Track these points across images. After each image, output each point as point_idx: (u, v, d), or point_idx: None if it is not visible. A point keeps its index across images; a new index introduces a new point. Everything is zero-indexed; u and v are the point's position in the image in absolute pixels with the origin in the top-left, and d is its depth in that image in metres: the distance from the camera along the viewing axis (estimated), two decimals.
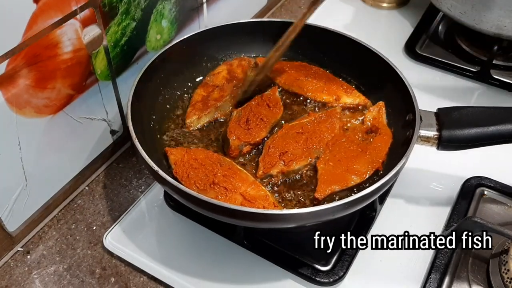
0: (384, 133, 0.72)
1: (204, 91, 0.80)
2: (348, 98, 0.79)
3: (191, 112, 0.77)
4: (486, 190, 0.78)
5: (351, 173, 0.67)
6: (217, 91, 0.80)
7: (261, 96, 0.78)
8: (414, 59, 1.05)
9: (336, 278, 0.66)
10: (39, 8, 0.59)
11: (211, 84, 0.81)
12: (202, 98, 0.79)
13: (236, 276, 0.69)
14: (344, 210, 0.59)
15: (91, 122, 0.76)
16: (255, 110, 0.75)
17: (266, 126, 0.74)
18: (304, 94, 0.80)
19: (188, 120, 0.76)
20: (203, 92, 0.80)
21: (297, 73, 0.83)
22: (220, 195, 0.63)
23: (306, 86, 0.80)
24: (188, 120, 0.76)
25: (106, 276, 0.70)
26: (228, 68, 0.84)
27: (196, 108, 0.77)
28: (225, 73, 0.83)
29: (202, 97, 0.79)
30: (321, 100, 0.79)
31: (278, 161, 0.69)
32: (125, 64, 0.78)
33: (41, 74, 0.63)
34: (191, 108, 0.78)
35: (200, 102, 0.78)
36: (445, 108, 0.70)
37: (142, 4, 0.76)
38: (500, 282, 0.64)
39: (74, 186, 0.79)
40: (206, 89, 0.81)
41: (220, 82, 0.81)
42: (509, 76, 1.00)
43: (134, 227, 0.74)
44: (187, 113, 0.77)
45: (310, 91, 0.80)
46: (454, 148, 0.69)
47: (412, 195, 0.79)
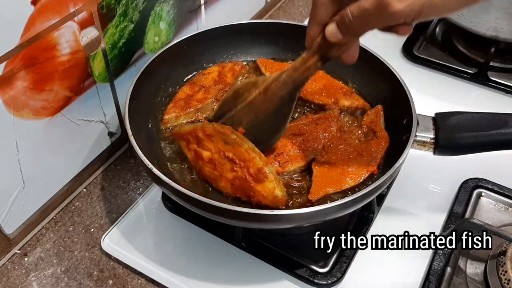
0: (381, 136, 0.72)
1: (189, 90, 0.80)
2: (347, 101, 0.79)
3: (171, 108, 0.77)
4: (484, 192, 0.78)
5: (346, 176, 0.67)
6: (202, 92, 0.79)
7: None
8: (411, 61, 1.05)
9: (334, 280, 0.66)
10: (37, 10, 0.59)
11: (198, 83, 0.81)
12: (186, 96, 0.79)
13: (234, 278, 0.69)
14: (336, 212, 0.59)
15: (89, 124, 0.76)
16: None
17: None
18: (303, 96, 0.80)
19: (167, 117, 0.76)
20: (188, 90, 0.80)
21: None
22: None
23: (305, 88, 0.80)
24: (167, 116, 0.76)
25: (104, 278, 0.70)
26: (219, 70, 0.83)
27: (177, 106, 0.77)
28: (215, 74, 0.83)
29: (186, 95, 0.79)
30: (320, 103, 0.79)
31: (274, 162, 0.69)
32: (123, 66, 0.79)
33: (38, 76, 0.63)
34: (173, 104, 0.78)
35: (182, 100, 0.78)
36: (443, 113, 0.70)
37: (140, 6, 0.76)
38: (498, 283, 0.64)
39: (72, 188, 0.79)
40: (192, 88, 0.80)
41: (208, 84, 0.81)
42: (506, 78, 1.01)
43: (132, 229, 0.74)
44: (167, 109, 0.77)
45: (309, 93, 0.80)
46: (450, 153, 0.69)
47: (410, 197, 0.79)
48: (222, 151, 0.65)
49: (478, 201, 0.78)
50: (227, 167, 0.64)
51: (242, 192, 0.64)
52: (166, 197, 0.76)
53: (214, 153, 0.66)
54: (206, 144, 0.66)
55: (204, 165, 0.65)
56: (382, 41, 0.82)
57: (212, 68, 0.85)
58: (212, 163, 0.65)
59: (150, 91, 0.77)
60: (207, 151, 0.66)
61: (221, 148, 0.65)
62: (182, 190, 0.58)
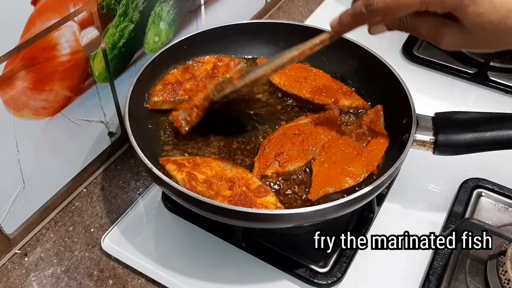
0: (381, 136, 0.72)
1: (180, 75, 0.80)
2: (347, 100, 0.79)
3: (159, 91, 0.77)
4: (484, 192, 0.78)
5: (346, 175, 0.67)
6: (192, 82, 0.79)
7: None
8: (411, 61, 1.05)
9: (334, 280, 0.66)
10: (37, 10, 0.59)
11: (190, 71, 0.81)
12: (175, 81, 0.78)
13: (234, 278, 0.69)
14: (336, 212, 0.59)
15: (89, 124, 0.76)
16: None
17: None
18: (303, 96, 0.80)
19: (154, 99, 0.76)
20: (179, 75, 0.80)
21: (296, 74, 0.83)
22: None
23: (305, 88, 0.81)
24: (155, 98, 0.76)
25: (104, 278, 0.70)
26: (215, 63, 0.83)
27: (165, 89, 0.77)
28: (210, 66, 0.82)
29: (175, 80, 0.79)
30: (320, 103, 0.79)
31: (273, 162, 0.69)
32: (123, 66, 0.79)
33: (39, 76, 0.63)
34: (161, 87, 0.77)
35: (171, 85, 0.78)
36: (442, 113, 0.70)
37: (140, 6, 0.76)
38: (498, 284, 0.64)
39: (72, 188, 0.79)
40: (183, 74, 0.80)
41: (200, 75, 0.81)
42: (506, 78, 1.01)
43: (132, 229, 0.74)
44: (155, 90, 0.77)
45: (309, 93, 0.80)
46: (450, 153, 0.69)
47: (409, 197, 0.79)
48: (219, 175, 0.66)
49: (478, 201, 0.78)
50: (225, 187, 0.64)
51: (242, 205, 0.63)
52: (166, 197, 0.76)
53: (210, 176, 0.66)
54: (203, 169, 0.67)
55: (197, 185, 0.65)
56: (382, 42, 0.82)
57: (209, 58, 0.84)
58: (207, 183, 0.65)
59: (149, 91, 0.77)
60: (202, 174, 0.66)
61: (219, 173, 0.66)
62: (182, 190, 0.58)
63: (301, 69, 0.84)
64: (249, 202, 0.62)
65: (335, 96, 0.79)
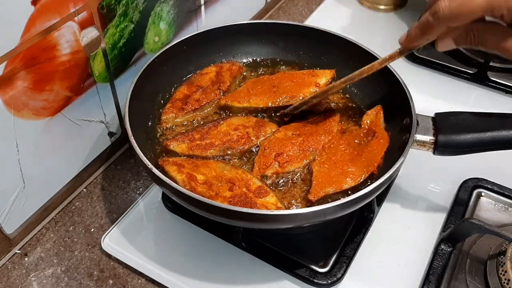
0: (381, 136, 0.72)
1: (187, 90, 0.80)
2: (320, 79, 0.79)
3: (169, 109, 0.77)
4: (484, 192, 0.78)
5: (346, 176, 0.67)
6: (200, 92, 0.79)
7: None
8: (411, 61, 1.05)
9: (334, 280, 0.66)
10: (37, 10, 0.59)
11: (195, 83, 0.81)
12: (183, 97, 0.79)
13: (234, 278, 0.69)
14: (336, 212, 0.59)
15: (89, 124, 0.76)
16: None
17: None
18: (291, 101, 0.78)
19: (164, 117, 0.77)
20: (185, 90, 0.80)
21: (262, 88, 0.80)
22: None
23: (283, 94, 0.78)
24: (165, 116, 0.77)
25: (104, 278, 0.70)
26: (217, 71, 0.83)
27: (175, 106, 0.78)
28: (213, 75, 0.83)
29: (183, 95, 0.79)
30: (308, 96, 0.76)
31: (273, 162, 0.69)
32: (123, 66, 0.79)
33: (39, 76, 0.63)
34: (170, 105, 0.78)
35: (180, 101, 0.78)
36: (442, 113, 0.70)
37: (140, 7, 0.76)
38: (497, 284, 0.64)
39: (72, 188, 0.79)
40: (190, 88, 0.81)
41: (205, 84, 0.81)
42: (506, 78, 1.01)
43: (132, 229, 0.74)
44: (165, 109, 0.78)
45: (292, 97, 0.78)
46: (450, 153, 0.69)
47: (409, 197, 0.79)
48: (219, 176, 0.66)
49: (478, 201, 0.78)
50: (225, 188, 0.65)
51: (242, 206, 0.63)
52: (166, 197, 0.76)
53: (210, 177, 0.66)
54: (203, 170, 0.67)
55: (197, 186, 0.65)
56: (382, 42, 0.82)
57: (209, 68, 0.85)
58: (207, 184, 0.65)
59: (150, 91, 0.77)
60: (202, 175, 0.66)
61: (219, 174, 0.66)
62: (182, 190, 0.58)
63: (259, 82, 0.81)
64: (249, 203, 0.62)
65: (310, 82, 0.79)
